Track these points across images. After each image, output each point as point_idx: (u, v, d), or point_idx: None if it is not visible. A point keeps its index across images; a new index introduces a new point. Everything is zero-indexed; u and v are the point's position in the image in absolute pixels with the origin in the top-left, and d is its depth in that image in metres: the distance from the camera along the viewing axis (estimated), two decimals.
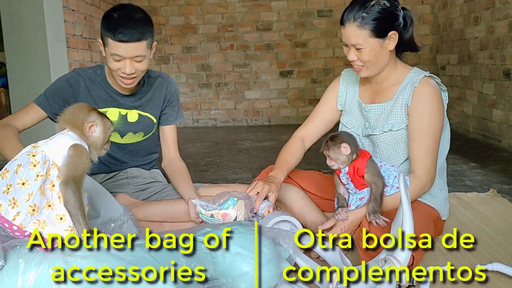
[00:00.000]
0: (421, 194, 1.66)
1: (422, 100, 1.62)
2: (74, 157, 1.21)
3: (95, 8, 4.67)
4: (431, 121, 1.62)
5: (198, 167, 3.36)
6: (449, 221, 1.94)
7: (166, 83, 1.95)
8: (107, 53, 1.68)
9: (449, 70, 5.00)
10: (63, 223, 1.17)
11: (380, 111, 1.72)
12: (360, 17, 1.58)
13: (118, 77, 1.72)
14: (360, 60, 1.64)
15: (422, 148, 1.61)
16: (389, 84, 1.73)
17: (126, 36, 1.61)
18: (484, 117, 4.17)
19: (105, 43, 1.67)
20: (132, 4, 1.76)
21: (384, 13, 1.59)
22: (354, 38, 1.61)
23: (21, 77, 3.66)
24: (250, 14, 5.72)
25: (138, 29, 1.63)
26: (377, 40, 1.60)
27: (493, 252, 1.65)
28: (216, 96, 5.88)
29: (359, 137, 1.78)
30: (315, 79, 5.79)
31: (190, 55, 5.82)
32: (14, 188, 1.14)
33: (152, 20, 1.73)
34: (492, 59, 3.97)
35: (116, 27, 1.61)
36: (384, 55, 1.65)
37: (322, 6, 5.65)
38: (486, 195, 2.36)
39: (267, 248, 1.28)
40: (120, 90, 1.85)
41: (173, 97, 1.97)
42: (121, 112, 1.87)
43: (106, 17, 1.67)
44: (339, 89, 1.88)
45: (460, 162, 3.24)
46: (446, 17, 5.05)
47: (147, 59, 1.70)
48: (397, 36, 1.63)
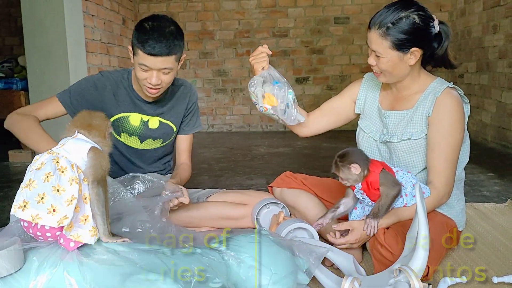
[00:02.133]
0: (438, 205, 1.64)
1: (444, 111, 1.60)
2: (97, 159, 1.23)
3: (114, 13, 4.73)
4: (452, 132, 1.59)
5: (212, 172, 3.37)
6: (466, 231, 1.91)
7: (189, 93, 1.98)
8: (135, 62, 1.70)
9: (467, 78, 4.95)
10: (87, 224, 1.19)
11: (399, 118, 1.70)
12: (385, 26, 1.54)
13: (144, 86, 1.74)
14: (377, 67, 1.63)
15: (442, 160, 1.59)
16: (411, 93, 1.70)
17: (155, 50, 1.62)
18: (502, 127, 4.11)
19: (134, 52, 1.69)
20: (166, 16, 1.75)
21: (411, 29, 1.54)
22: (375, 45, 1.58)
23: (41, 80, 3.72)
24: (267, 21, 5.74)
25: (167, 44, 1.64)
26: (397, 53, 1.57)
27: (510, 264, 1.62)
28: (232, 102, 5.91)
29: (376, 143, 1.77)
30: (331, 86, 5.78)
31: (207, 60, 5.86)
32: (50, 196, 1.13)
33: (183, 33, 1.74)
34: (511, 68, 3.91)
35: (147, 40, 1.62)
36: (402, 68, 1.61)
37: (339, 13, 5.64)
38: (504, 206, 2.32)
39: (285, 261, 1.27)
40: (144, 96, 1.87)
41: (194, 107, 2.01)
42: (143, 118, 1.90)
43: (138, 27, 1.69)
44: (359, 92, 1.86)
45: (477, 172, 3.20)
46: (465, 24, 5.01)
47: (174, 71, 1.73)
48: (419, 53, 1.58)
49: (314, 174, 2.05)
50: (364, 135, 1.81)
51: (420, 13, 1.55)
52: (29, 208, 1.12)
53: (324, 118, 1.90)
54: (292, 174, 2.00)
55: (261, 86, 1.62)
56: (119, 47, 4.72)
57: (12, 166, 3.77)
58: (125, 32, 5.08)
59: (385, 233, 1.50)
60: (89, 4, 4.15)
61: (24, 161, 3.88)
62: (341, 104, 1.90)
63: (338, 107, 1.90)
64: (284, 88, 1.64)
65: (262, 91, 1.61)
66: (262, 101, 1.61)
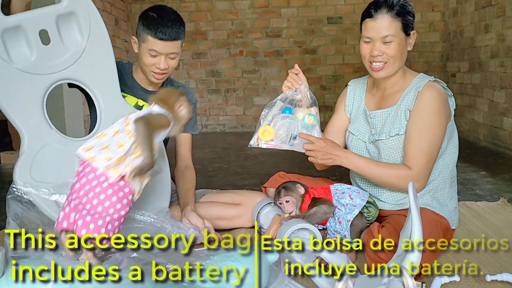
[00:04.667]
0: (401, 187, 1.65)
1: (423, 104, 1.62)
2: (156, 114, 1.43)
3: (106, 14, 4.71)
4: (429, 126, 1.61)
5: (206, 172, 3.37)
6: (459, 230, 1.92)
7: (188, 93, 1.99)
8: (143, 49, 1.80)
9: (459, 78, 4.97)
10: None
11: (384, 116, 1.73)
12: (396, 8, 1.60)
13: (151, 72, 1.83)
14: (386, 54, 1.63)
15: (416, 151, 1.61)
16: (395, 90, 1.73)
17: (166, 35, 1.76)
18: (494, 125, 4.14)
19: (143, 39, 1.78)
20: (166, 6, 1.89)
21: (411, 11, 1.63)
22: (387, 29, 1.61)
23: None
24: (260, 21, 5.74)
25: (176, 29, 1.79)
26: (404, 35, 1.63)
27: (503, 262, 1.63)
28: (225, 102, 5.90)
29: (365, 144, 1.79)
30: (324, 86, 5.79)
31: (200, 61, 5.85)
32: (111, 148, 1.32)
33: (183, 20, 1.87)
34: (503, 67, 3.94)
35: (157, 26, 1.76)
36: (405, 54, 1.67)
37: (332, 13, 5.65)
38: (496, 204, 2.34)
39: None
40: (144, 85, 1.94)
41: (192, 108, 2.00)
42: (139, 102, 1.94)
43: (145, 16, 1.81)
44: (346, 100, 1.90)
45: (470, 170, 3.22)
46: (457, 24, 5.03)
47: (179, 56, 1.87)
48: (415, 36, 1.65)
49: (307, 174, 2.05)
50: (353, 138, 1.83)
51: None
52: (91, 151, 1.32)
53: (337, 141, 1.81)
54: (285, 174, 2.00)
55: (270, 112, 1.67)
56: (112, 47, 4.69)
57: (4, 168, 3.74)
58: (117, 33, 5.06)
59: (379, 231, 1.51)
60: None
61: (16, 163, 3.84)
62: (340, 120, 1.92)
63: (339, 125, 1.92)
64: (291, 118, 1.65)
65: (261, 124, 1.66)
66: (256, 137, 1.66)
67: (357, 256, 1.64)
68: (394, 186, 1.67)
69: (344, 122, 1.91)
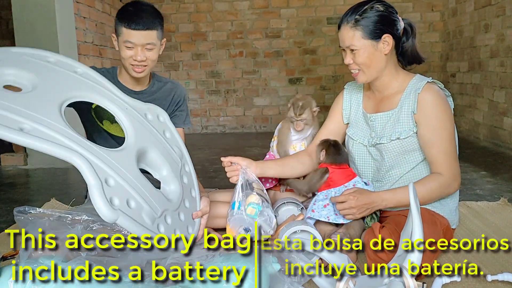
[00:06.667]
0: (446, 193, 1.66)
1: (428, 107, 1.63)
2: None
3: (106, 15, 4.72)
4: (441, 125, 1.62)
5: (207, 173, 3.37)
6: (459, 230, 1.92)
7: (176, 88, 2.03)
8: (120, 43, 1.80)
9: (459, 77, 4.97)
10: None
11: (385, 119, 1.73)
12: (353, 19, 1.63)
13: (129, 66, 1.82)
14: (355, 63, 1.67)
15: (442, 154, 1.62)
16: (392, 92, 1.73)
17: (139, 25, 1.75)
18: (494, 125, 4.13)
19: (119, 33, 1.79)
20: (144, 1, 1.88)
21: (378, 17, 1.63)
22: (349, 39, 1.64)
23: None
24: (260, 22, 5.74)
25: (149, 19, 1.77)
26: (371, 42, 1.63)
27: (504, 262, 1.63)
28: (225, 103, 5.90)
29: (366, 148, 1.79)
30: (324, 86, 5.79)
31: (200, 62, 5.85)
32: None
33: (162, 15, 1.86)
34: (503, 66, 3.94)
35: (130, 16, 1.76)
36: (379, 59, 1.66)
37: (332, 13, 5.65)
38: (497, 204, 2.34)
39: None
40: (130, 86, 1.92)
41: (181, 102, 2.04)
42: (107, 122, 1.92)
43: (120, 11, 1.82)
44: (343, 103, 1.90)
45: (470, 170, 3.21)
46: (456, 24, 5.03)
47: (157, 49, 1.83)
48: (391, 39, 1.64)
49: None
50: (354, 143, 1.83)
51: (382, 2, 1.65)
52: None
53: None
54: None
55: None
56: (111, 49, 4.70)
57: (4, 169, 3.75)
58: None
59: (380, 231, 1.51)
60: (81, 6, 4.13)
61: (16, 165, 3.85)
62: (334, 124, 1.92)
63: (333, 128, 1.92)
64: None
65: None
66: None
67: (358, 257, 1.64)
68: (439, 198, 1.68)
69: (340, 127, 1.91)
